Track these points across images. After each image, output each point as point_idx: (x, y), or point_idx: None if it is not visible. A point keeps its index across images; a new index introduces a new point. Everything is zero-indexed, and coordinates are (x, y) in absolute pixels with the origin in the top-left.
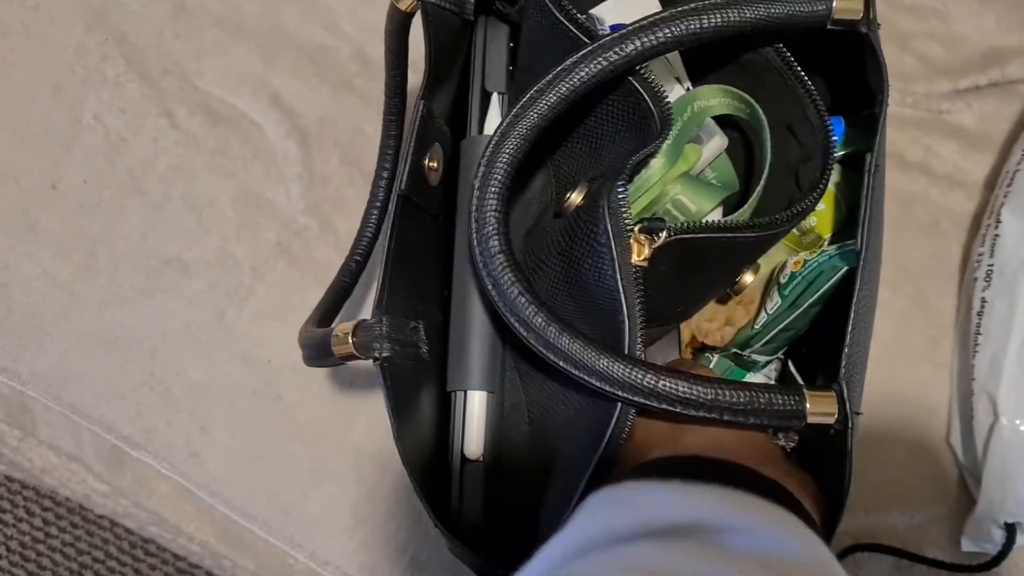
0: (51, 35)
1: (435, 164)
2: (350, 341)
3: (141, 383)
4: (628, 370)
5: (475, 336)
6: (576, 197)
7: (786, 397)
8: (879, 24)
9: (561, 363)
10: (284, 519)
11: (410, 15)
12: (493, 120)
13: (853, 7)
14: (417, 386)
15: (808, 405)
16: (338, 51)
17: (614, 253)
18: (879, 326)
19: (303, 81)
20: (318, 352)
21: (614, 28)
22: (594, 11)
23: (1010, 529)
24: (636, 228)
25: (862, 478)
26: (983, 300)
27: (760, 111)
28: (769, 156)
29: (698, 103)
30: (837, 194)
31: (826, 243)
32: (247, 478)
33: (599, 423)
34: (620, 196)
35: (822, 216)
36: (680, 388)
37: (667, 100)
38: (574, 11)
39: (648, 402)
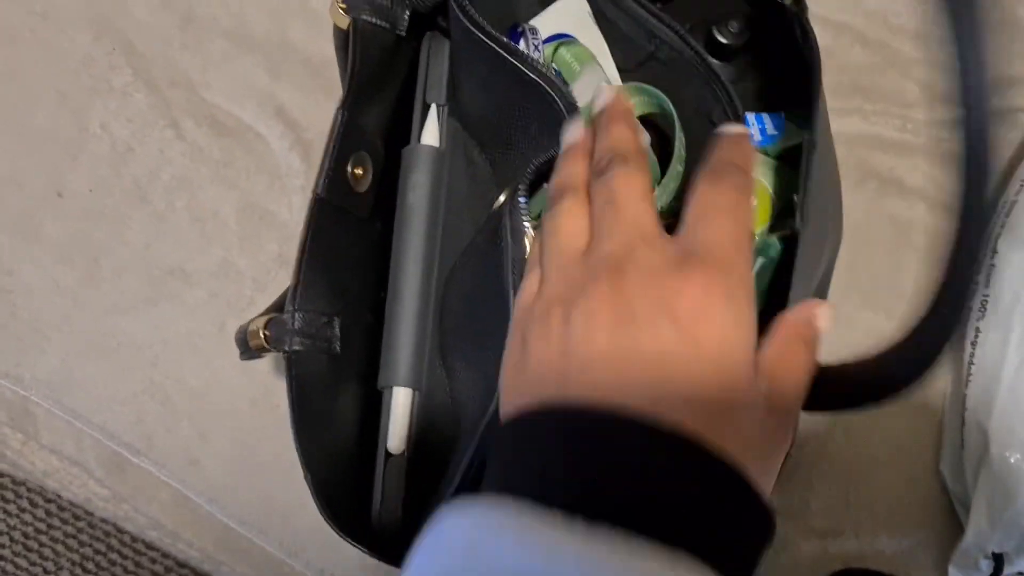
0: (58, 43)
1: (360, 171)
2: (262, 335)
3: (142, 390)
4: None
5: (403, 333)
6: (504, 198)
7: None
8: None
9: None
10: (281, 527)
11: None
12: (431, 130)
13: None
14: (334, 384)
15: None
16: None
17: (509, 251)
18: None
19: (308, 95)
20: (241, 346)
21: (550, 39)
22: (531, 22)
23: (998, 559)
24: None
25: (851, 501)
26: (977, 330)
27: (669, 104)
28: (681, 150)
29: None
30: (771, 189)
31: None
32: (245, 486)
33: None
34: (521, 198)
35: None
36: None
37: (575, 105)
38: (486, 25)
39: None
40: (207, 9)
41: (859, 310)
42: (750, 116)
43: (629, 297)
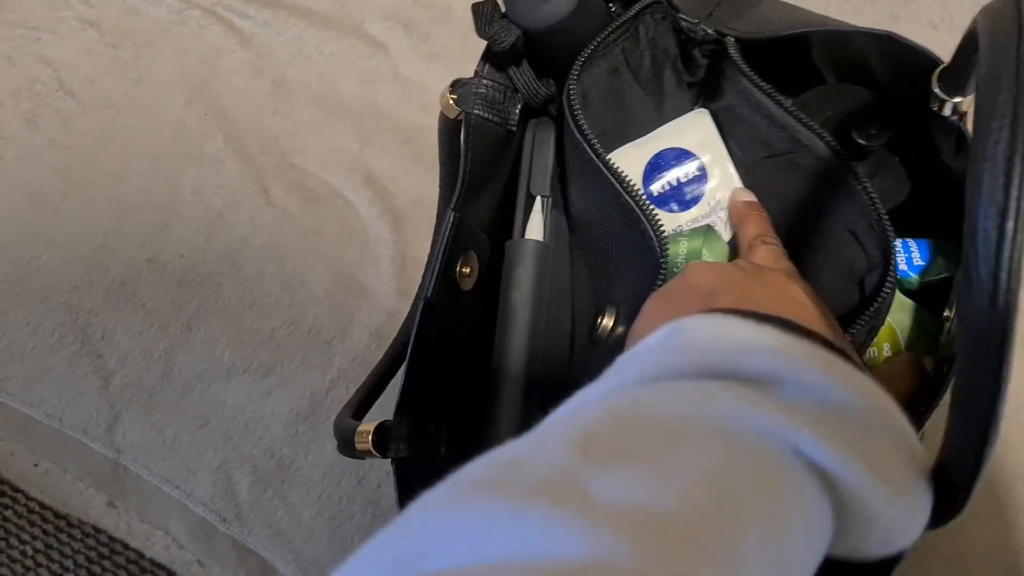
0: (153, 108)
1: (468, 270)
2: (370, 439)
3: (230, 458)
4: None
5: (504, 435)
6: (608, 321)
7: None
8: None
9: None
10: None
11: (460, 122)
12: (535, 222)
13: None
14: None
15: None
16: (433, 131)
17: None
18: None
19: (398, 161)
20: (344, 445)
21: (670, 152)
22: (657, 131)
23: None
24: None
25: (966, 559)
26: None
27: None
28: None
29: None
30: (902, 334)
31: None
32: (332, 559)
33: None
34: None
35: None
36: None
37: (665, 237)
38: (594, 140)
39: None
40: (298, 75)
41: None
42: (896, 243)
43: (765, 274)
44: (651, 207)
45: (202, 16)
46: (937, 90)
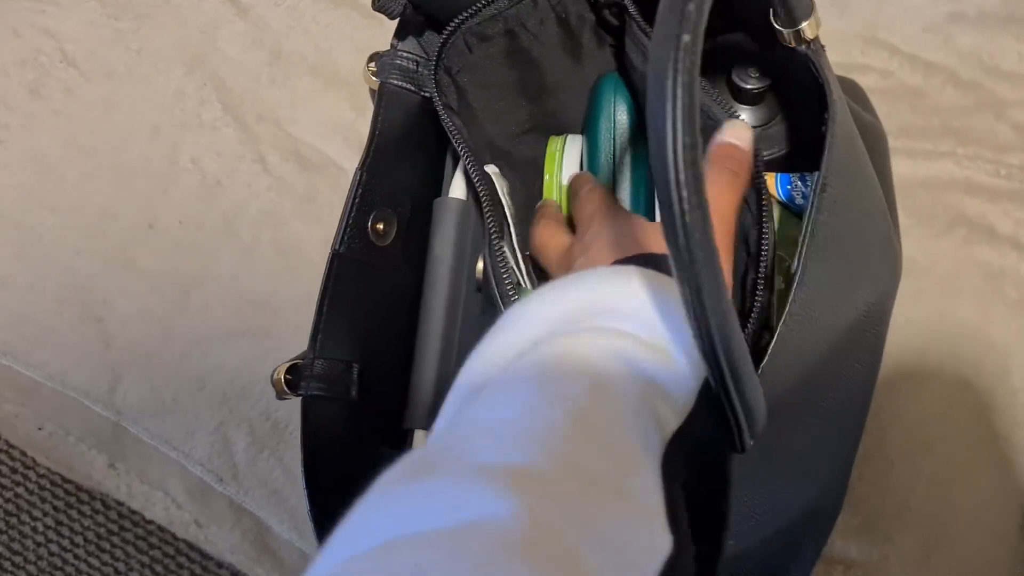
0: (152, 78)
1: (381, 226)
2: (283, 379)
3: (227, 420)
4: None
5: (426, 378)
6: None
7: None
8: (823, 46)
9: None
10: None
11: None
12: (458, 184)
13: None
14: (354, 425)
15: None
16: None
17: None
18: (961, 404)
19: None
20: (274, 385)
21: None
22: None
23: None
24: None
25: (932, 556)
26: None
27: None
28: None
29: None
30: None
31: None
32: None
33: None
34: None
35: None
36: None
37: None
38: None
39: None
40: (295, 46)
41: (946, 359)
42: (795, 177)
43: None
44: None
45: None
46: (777, 25)
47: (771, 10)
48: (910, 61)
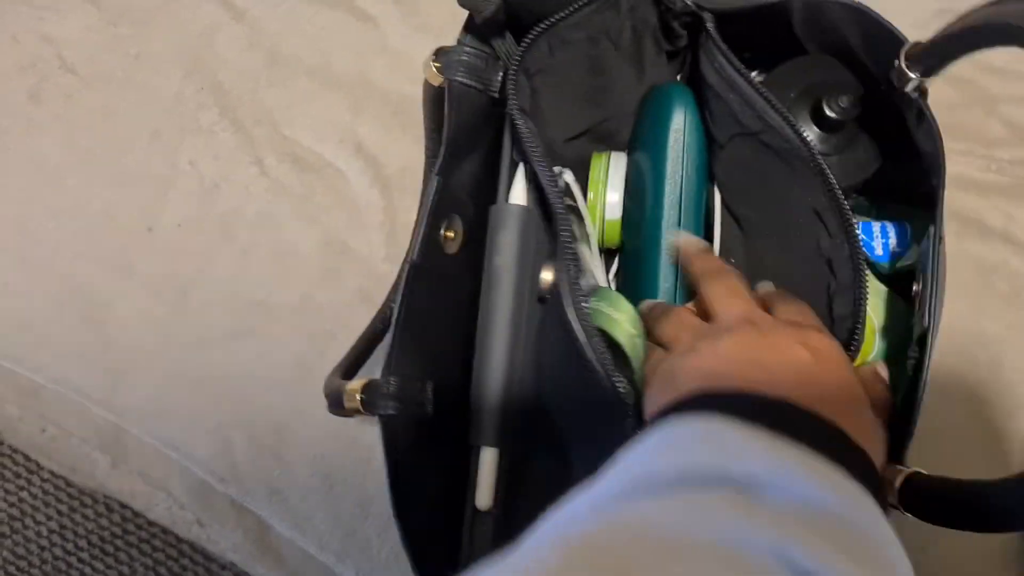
0: (151, 82)
1: (452, 234)
2: (358, 398)
3: (227, 420)
4: None
5: (491, 394)
6: (547, 276)
7: None
8: (927, 92)
9: None
10: (359, 556)
11: (443, 89)
12: (519, 188)
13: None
14: (427, 443)
15: None
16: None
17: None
18: (954, 396)
19: (388, 131)
20: (334, 404)
21: None
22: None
23: None
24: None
25: (930, 551)
26: None
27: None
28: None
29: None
30: (878, 322)
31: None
32: (325, 516)
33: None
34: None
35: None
36: None
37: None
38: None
39: None
40: (292, 49)
41: (939, 353)
42: (875, 225)
43: (767, 333)
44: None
45: None
46: (904, 66)
47: (907, 49)
48: None
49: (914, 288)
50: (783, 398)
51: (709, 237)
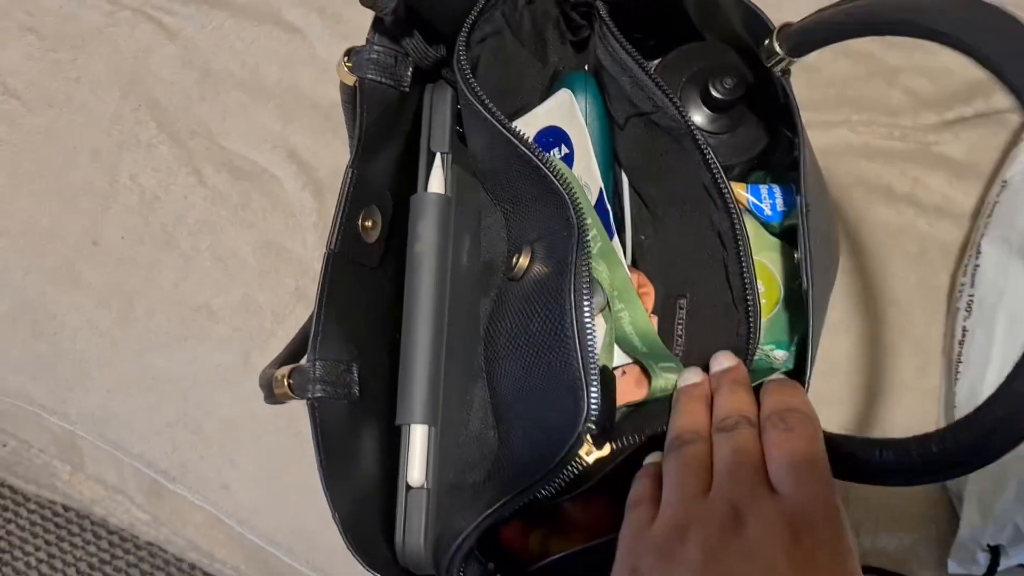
0: (91, 104)
1: (371, 223)
2: (286, 383)
3: (176, 421)
4: None
5: (417, 374)
6: (524, 261)
7: None
8: (790, 72)
9: None
10: (307, 546)
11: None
12: (436, 178)
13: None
14: (356, 425)
15: None
16: None
17: (579, 357)
18: (868, 355)
19: (318, 136)
20: (266, 392)
21: (541, 133)
22: (525, 117)
23: (994, 552)
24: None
25: (851, 500)
26: (964, 329)
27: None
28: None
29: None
30: (778, 273)
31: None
32: (273, 508)
33: (553, 442)
34: (587, 313)
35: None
36: None
37: (564, 176)
38: (487, 100)
39: None
40: (223, 64)
41: (851, 316)
42: (762, 188)
43: (751, 543)
44: (545, 154)
45: (132, 16)
46: (776, 45)
47: (778, 30)
48: None
49: (795, 256)
50: None
51: (621, 218)
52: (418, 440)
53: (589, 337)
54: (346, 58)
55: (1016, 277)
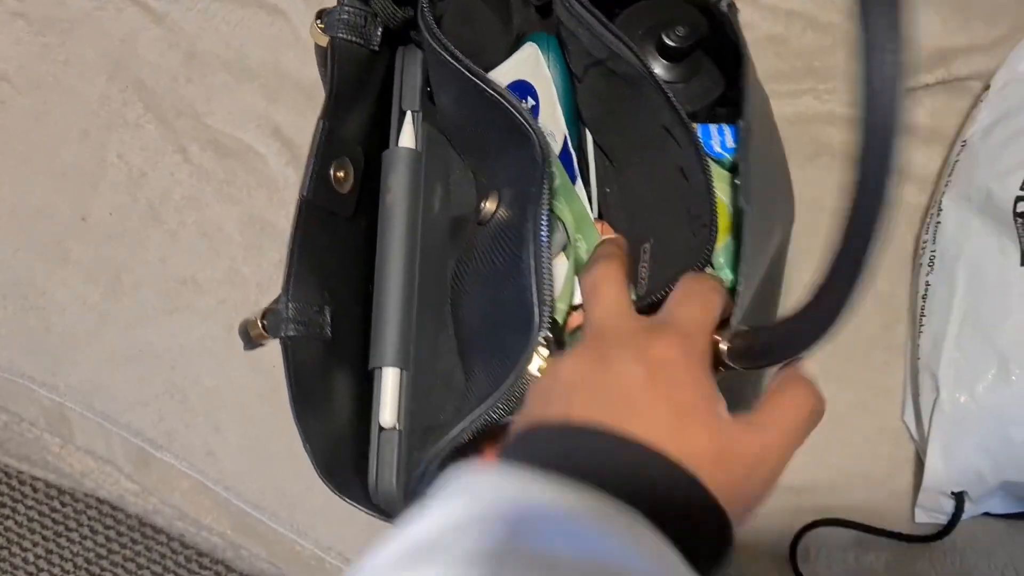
0: (79, 86)
1: (343, 174)
2: (259, 324)
3: (162, 391)
4: None
5: (389, 319)
6: (490, 205)
7: None
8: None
9: None
10: (291, 510)
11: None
12: (407, 134)
13: None
14: (329, 367)
15: None
16: None
17: (533, 284)
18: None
19: (302, 115)
20: (244, 337)
21: (511, 85)
22: (493, 72)
23: (958, 498)
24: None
25: (823, 456)
26: (927, 284)
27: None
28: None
29: None
30: (729, 202)
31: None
32: (257, 474)
33: (507, 358)
34: (543, 235)
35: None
36: None
37: (534, 118)
38: (455, 50)
39: None
40: (208, 46)
41: (817, 272)
42: (712, 128)
43: (608, 348)
44: (515, 97)
45: (119, 0)
46: None
47: None
48: (772, 12)
49: (736, 180)
50: (596, 428)
51: (586, 173)
52: (390, 382)
53: (545, 260)
54: (318, 20)
55: (975, 231)
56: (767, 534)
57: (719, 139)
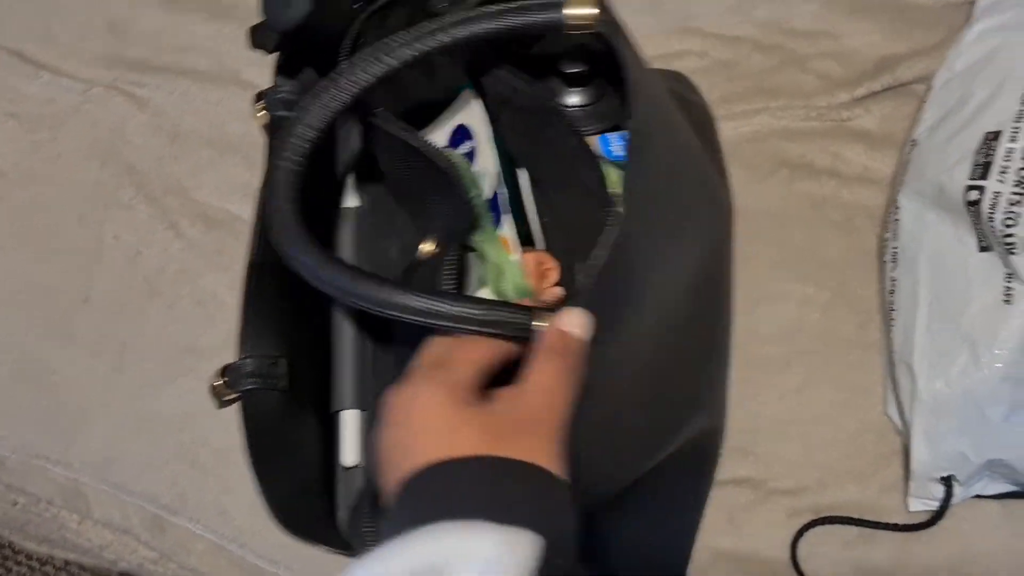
0: (74, 176)
1: None
2: (221, 381)
3: (173, 456)
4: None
5: (346, 364)
6: (429, 246)
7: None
8: (620, 25)
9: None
10: (303, 563)
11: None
12: (350, 194)
13: (584, 13)
14: (290, 416)
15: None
16: None
17: None
18: (809, 318)
19: None
20: (212, 395)
21: (455, 132)
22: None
23: (947, 482)
24: None
25: (813, 457)
26: (893, 280)
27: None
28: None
29: None
30: None
31: None
32: (270, 528)
33: None
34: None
35: None
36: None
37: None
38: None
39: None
40: (191, 125)
41: (790, 283)
42: (611, 136)
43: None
44: (433, 145)
45: (105, 92)
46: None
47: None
48: (719, 39)
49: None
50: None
51: (523, 207)
52: (350, 424)
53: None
54: (256, 101)
55: (932, 224)
56: (765, 540)
57: (618, 144)
